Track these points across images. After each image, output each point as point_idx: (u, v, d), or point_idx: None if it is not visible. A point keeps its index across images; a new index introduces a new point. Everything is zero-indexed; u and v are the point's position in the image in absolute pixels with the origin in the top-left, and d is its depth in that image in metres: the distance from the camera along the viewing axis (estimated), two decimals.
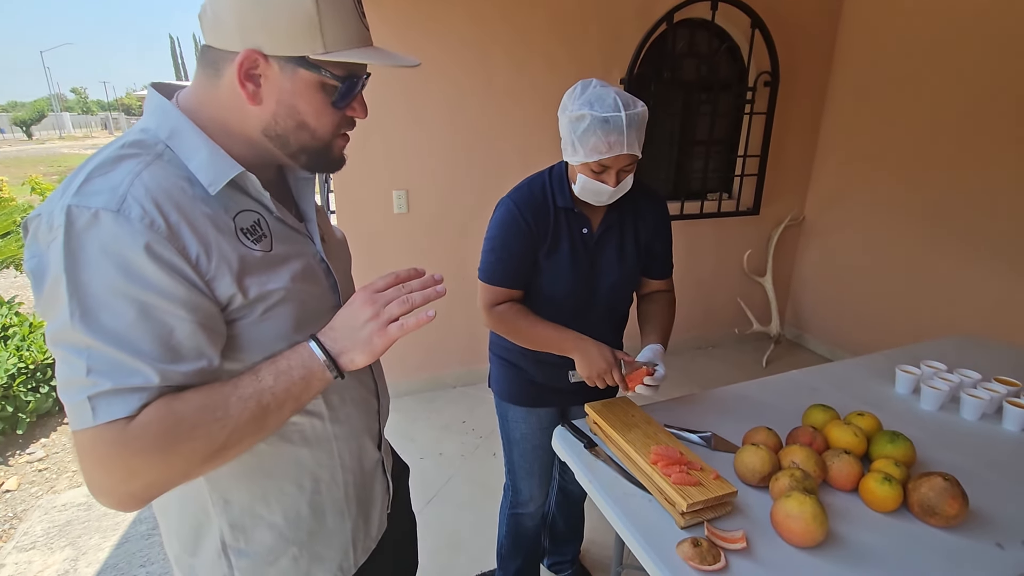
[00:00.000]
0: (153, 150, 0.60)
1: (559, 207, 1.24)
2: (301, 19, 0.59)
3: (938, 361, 1.45)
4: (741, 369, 3.29)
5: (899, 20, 2.81)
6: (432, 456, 2.41)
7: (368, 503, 0.85)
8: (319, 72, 0.62)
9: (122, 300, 0.54)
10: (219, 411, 0.56)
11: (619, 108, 1.06)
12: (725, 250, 3.38)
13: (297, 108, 0.64)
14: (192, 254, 0.57)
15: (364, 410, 0.82)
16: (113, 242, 0.53)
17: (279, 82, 0.62)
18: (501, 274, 1.25)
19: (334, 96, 0.65)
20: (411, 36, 2.43)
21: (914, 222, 2.86)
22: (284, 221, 0.70)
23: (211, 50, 0.62)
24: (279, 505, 0.73)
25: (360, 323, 0.65)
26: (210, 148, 0.62)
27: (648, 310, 1.37)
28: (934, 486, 0.93)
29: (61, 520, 2.11)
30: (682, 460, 1.00)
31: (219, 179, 0.62)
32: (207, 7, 0.61)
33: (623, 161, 1.12)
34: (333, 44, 0.61)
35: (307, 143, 0.67)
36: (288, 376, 0.61)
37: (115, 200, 0.54)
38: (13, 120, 41.27)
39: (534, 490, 1.49)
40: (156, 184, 0.57)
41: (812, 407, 1.22)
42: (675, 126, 3.10)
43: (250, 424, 0.59)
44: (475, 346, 2.92)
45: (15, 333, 2.76)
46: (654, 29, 2.73)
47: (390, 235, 2.64)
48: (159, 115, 0.63)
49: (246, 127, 0.65)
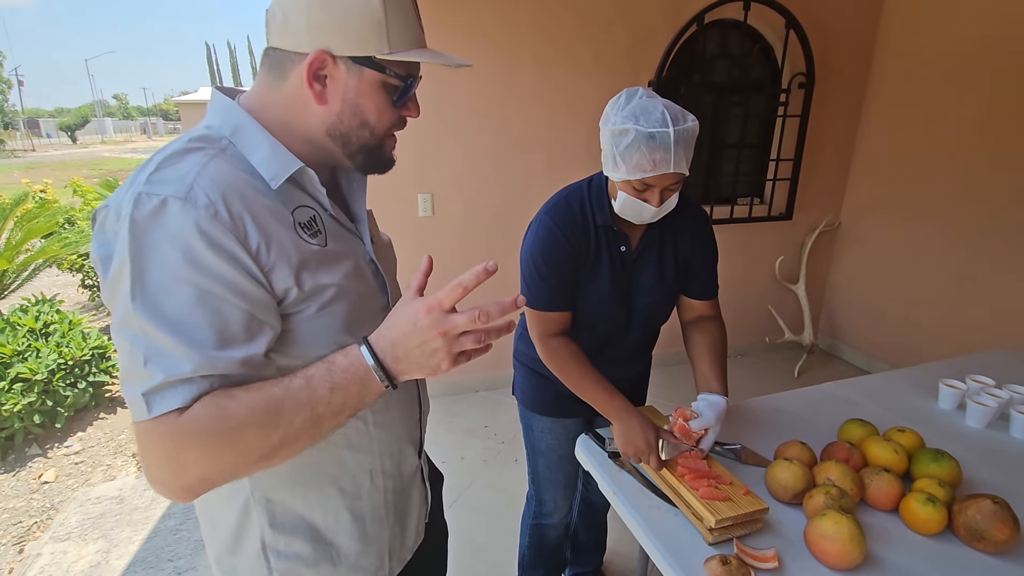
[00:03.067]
0: (217, 144, 0.62)
1: (598, 224, 1.15)
2: (370, 21, 0.61)
3: (985, 376, 1.37)
4: (772, 379, 3.20)
5: (944, 15, 2.70)
6: (454, 461, 2.40)
7: (405, 512, 0.85)
8: (384, 72, 0.64)
9: (182, 285, 0.55)
10: (270, 414, 0.56)
11: (667, 123, 0.97)
12: (756, 256, 3.30)
13: (361, 107, 0.66)
14: (253, 244, 0.59)
15: (407, 416, 0.82)
16: (178, 229, 0.55)
17: (345, 81, 0.64)
18: (549, 298, 1.17)
19: (395, 95, 0.67)
20: (438, 39, 2.44)
21: (961, 228, 2.73)
22: (337, 219, 0.71)
23: (277, 52, 0.64)
24: (319, 507, 0.74)
25: (430, 350, 0.60)
26: (271, 144, 0.64)
27: (699, 345, 1.23)
28: (982, 509, 0.88)
29: (95, 512, 2.17)
30: (710, 473, 0.97)
31: (281, 173, 0.63)
32: (275, 10, 0.63)
33: (668, 180, 1.02)
34: (397, 45, 0.63)
35: (367, 141, 0.69)
36: (345, 391, 0.60)
37: (183, 188, 0.56)
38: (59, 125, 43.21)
39: (558, 501, 1.47)
40: (221, 175, 0.59)
41: (849, 421, 1.16)
42: (704, 129, 3.04)
43: (304, 431, 0.58)
44: (498, 350, 2.88)
45: (55, 330, 2.86)
46: (684, 31, 2.69)
47: (415, 238, 2.65)
48: (223, 113, 0.66)
49: (309, 126, 0.67)
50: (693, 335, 1.26)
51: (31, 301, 3.01)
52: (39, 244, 3.77)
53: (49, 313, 2.95)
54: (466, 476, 2.30)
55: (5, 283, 3.56)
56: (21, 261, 3.64)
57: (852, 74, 3.09)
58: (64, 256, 3.56)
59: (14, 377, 2.52)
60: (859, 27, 3.01)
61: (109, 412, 2.96)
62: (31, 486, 2.37)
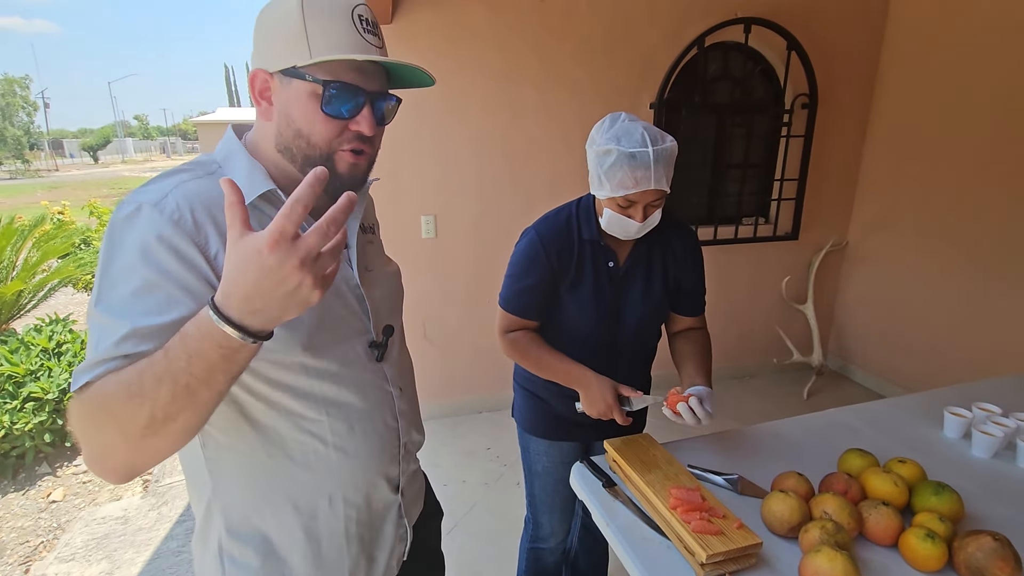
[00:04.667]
0: (206, 168, 0.69)
1: (584, 239, 1.22)
2: (291, 33, 0.64)
3: (992, 404, 1.35)
4: (780, 401, 3.15)
5: (949, 36, 2.69)
6: (455, 483, 2.39)
7: (373, 544, 0.83)
8: (304, 78, 0.65)
9: (132, 277, 0.59)
10: (133, 388, 0.54)
11: (646, 143, 1.05)
12: (762, 276, 3.27)
13: (292, 116, 0.67)
14: (212, 251, 0.63)
15: (380, 448, 0.80)
16: (143, 229, 0.60)
17: (281, 94, 0.68)
18: (518, 304, 1.25)
19: (320, 102, 0.66)
20: (441, 66, 2.49)
21: (971, 249, 2.70)
22: None
23: None
24: (274, 522, 0.74)
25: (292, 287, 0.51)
26: (250, 167, 0.69)
27: (684, 350, 1.31)
28: (983, 546, 0.85)
29: (100, 533, 2.19)
30: (703, 506, 0.95)
31: (250, 193, 0.67)
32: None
33: (650, 196, 1.10)
34: (320, 52, 0.64)
35: (307, 152, 0.68)
36: (205, 358, 0.53)
37: (157, 197, 0.62)
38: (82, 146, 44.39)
39: (555, 525, 1.45)
40: (196, 192, 0.64)
41: (848, 451, 1.14)
42: (708, 150, 3.05)
43: (176, 401, 0.54)
44: (501, 372, 2.89)
45: (68, 349, 2.91)
46: (684, 53, 2.71)
47: (418, 260, 2.67)
48: (223, 144, 0.73)
49: (268, 146, 0.71)
50: (679, 344, 1.34)
51: (45, 321, 3.07)
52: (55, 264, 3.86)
53: (62, 333, 3.00)
54: (467, 500, 2.29)
55: (21, 303, 3.64)
56: (37, 281, 3.72)
57: (856, 94, 3.09)
58: (79, 276, 3.63)
59: (26, 396, 2.56)
60: (862, 47, 3.01)
61: None
62: (39, 505, 2.39)
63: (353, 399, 0.75)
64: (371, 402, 0.78)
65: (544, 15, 2.54)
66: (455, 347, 2.87)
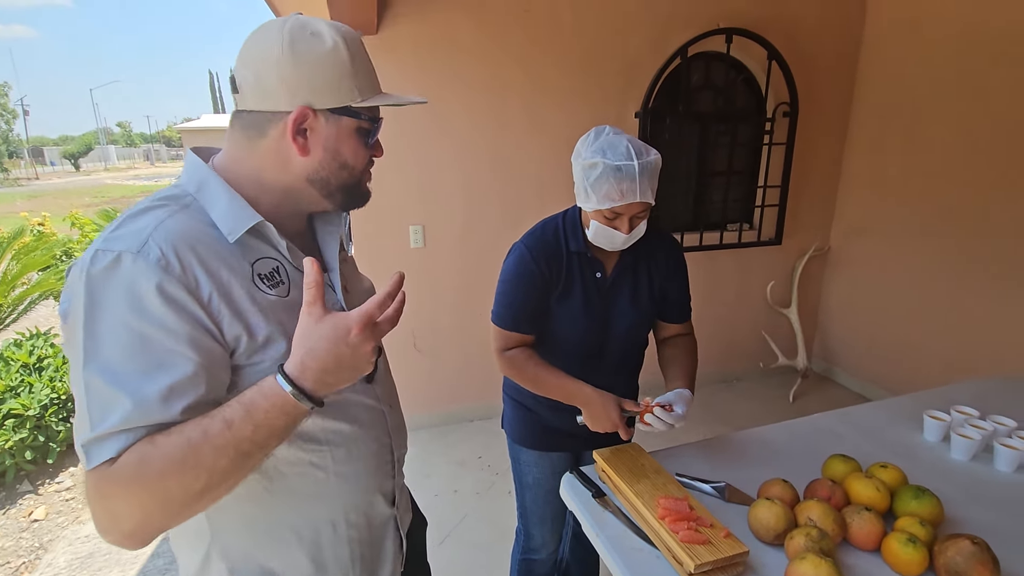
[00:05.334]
0: (181, 201, 0.66)
1: (572, 251, 1.23)
2: (342, 75, 0.67)
3: (971, 406, 1.38)
4: (767, 404, 3.19)
5: (923, 46, 2.77)
6: (447, 493, 2.38)
7: (376, 563, 0.84)
8: (359, 117, 0.70)
9: (125, 334, 0.56)
10: (188, 462, 0.55)
11: (631, 157, 1.07)
12: (747, 281, 3.32)
13: (340, 151, 0.71)
14: (204, 294, 0.60)
15: (375, 466, 0.81)
16: (128, 281, 0.57)
17: (324, 131, 0.69)
18: (512, 319, 1.25)
19: (367, 137, 0.73)
20: (426, 78, 2.50)
21: (947, 253, 2.76)
22: (302, 269, 0.72)
23: (252, 114, 0.68)
24: (278, 555, 0.74)
25: (361, 362, 0.61)
26: (229, 198, 0.67)
27: (669, 355, 1.34)
28: (962, 550, 0.87)
29: (84, 552, 2.15)
30: (691, 516, 0.97)
31: (236, 228, 0.66)
32: (245, 74, 0.67)
33: (636, 208, 1.11)
34: (365, 92, 0.70)
35: (346, 181, 0.73)
36: (269, 427, 0.59)
37: (137, 243, 0.59)
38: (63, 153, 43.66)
39: (546, 535, 1.46)
40: (178, 230, 0.61)
41: (832, 457, 1.17)
42: (692, 157, 3.09)
43: (231, 469, 0.58)
44: (491, 380, 2.89)
45: (49, 364, 2.86)
46: (668, 63, 2.75)
47: (406, 269, 2.66)
48: (191, 171, 0.70)
49: (286, 177, 0.71)
50: (665, 350, 1.37)
51: (25, 336, 3.02)
52: (36, 277, 3.79)
53: (43, 347, 2.95)
54: (459, 510, 2.28)
55: (1, 317, 3.58)
56: (17, 295, 3.66)
57: (835, 102, 3.15)
58: (60, 289, 3.58)
59: (6, 413, 2.51)
60: (840, 57, 3.08)
61: None
62: (21, 524, 2.34)
63: (351, 425, 0.76)
64: (366, 424, 0.79)
65: (529, 26, 2.56)
66: (445, 356, 2.87)
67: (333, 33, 0.67)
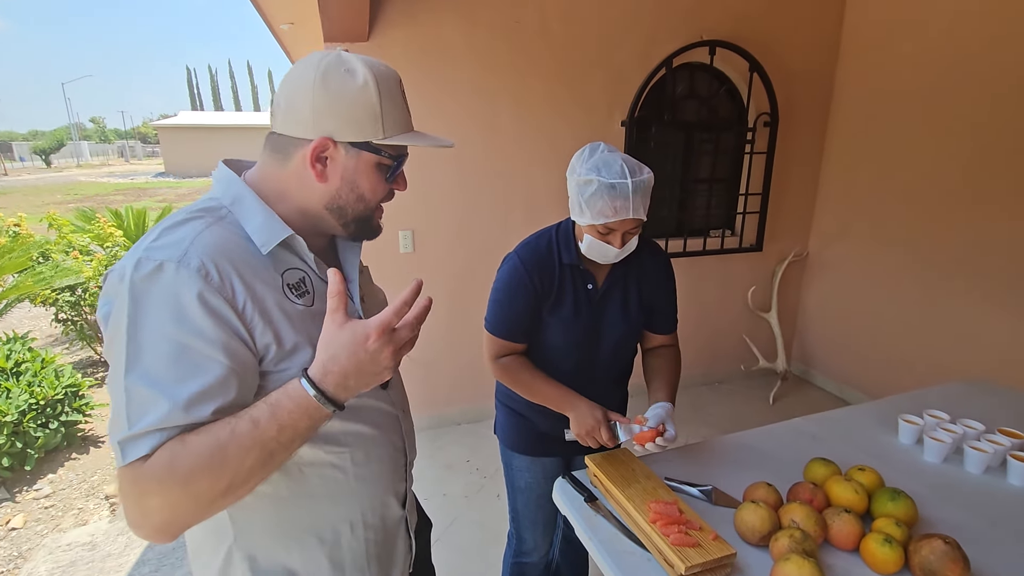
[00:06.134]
0: (217, 214, 0.70)
1: (565, 263, 1.27)
2: (368, 112, 0.70)
3: (942, 410, 1.45)
4: (748, 406, 3.27)
5: (898, 57, 2.87)
6: (436, 497, 2.40)
7: (389, 562, 0.87)
8: (379, 153, 0.73)
9: (166, 341, 0.60)
10: (216, 459, 0.59)
11: (626, 175, 1.10)
12: (729, 286, 3.40)
13: (358, 184, 0.74)
14: (239, 303, 0.64)
15: (391, 468, 0.85)
16: (171, 289, 0.61)
17: (344, 162, 0.72)
18: (505, 328, 1.29)
19: (387, 173, 0.76)
20: (416, 84, 2.51)
21: (918, 259, 2.87)
22: (326, 280, 0.76)
23: (281, 137, 0.72)
24: (299, 555, 0.77)
25: (381, 367, 0.64)
26: (265, 214, 0.71)
27: (654, 365, 1.38)
28: (935, 549, 0.93)
29: (65, 560, 2.12)
30: (681, 519, 1.00)
31: (270, 240, 0.70)
32: (280, 99, 0.71)
33: (629, 224, 1.15)
34: (390, 131, 0.72)
35: (361, 213, 0.76)
36: (294, 428, 0.62)
37: (178, 253, 0.62)
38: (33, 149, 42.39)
39: (538, 539, 1.49)
40: (214, 241, 0.65)
41: (813, 461, 1.22)
42: (677, 166, 3.15)
43: (257, 468, 0.61)
44: (480, 384, 2.93)
45: (27, 369, 2.80)
46: (654, 73, 2.81)
47: (396, 274, 2.68)
48: (225, 185, 0.73)
49: (307, 200, 0.74)
50: (651, 360, 1.41)
51: (2, 340, 2.95)
52: (12, 279, 3.70)
53: (20, 351, 2.89)
54: (449, 513, 2.30)
55: None
56: None
57: (813, 112, 3.25)
58: (38, 291, 3.50)
59: None
60: (818, 68, 3.18)
61: (82, 452, 2.90)
62: None
63: (369, 429, 0.79)
64: (383, 428, 0.82)
65: (519, 35, 2.60)
66: (434, 361, 2.88)
67: (367, 72, 0.69)
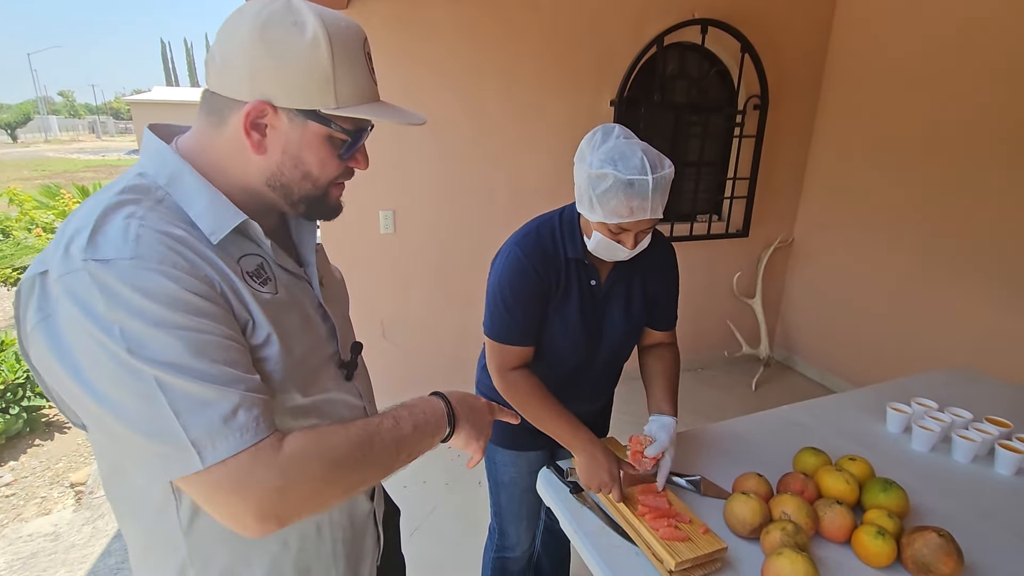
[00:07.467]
0: (153, 196, 0.59)
1: (569, 258, 1.14)
2: (316, 75, 0.59)
3: (928, 398, 1.43)
4: (731, 392, 3.27)
5: (890, 43, 2.83)
6: (416, 484, 2.35)
7: (357, 559, 0.82)
8: (329, 126, 0.62)
9: (168, 332, 0.52)
10: (364, 449, 0.61)
11: (646, 171, 0.96)
12: (715, 272, 3.37)
13: (303, 159, 0.64)
14: (216, 285, 0.58)
15: None
16: (145, 282, 0.52)
17: (287, 133, 0.62)
18: (512, 332, 1.14)
19: (341, 148, 0.65)
20: (397, 58, 2.40)
21: (903, 247, 2.87)
22: (284, 267, 0.69)
23: (216, 97, 0.61)
24: (260, 563, 0.70)
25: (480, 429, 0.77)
26: (210, 195, 0.61)
27: (654, 369, 1.26)
28: (928, 542, 0.90)
29: (26, 552, 2.02)
30: (670, 512, 0.97)
31: (220, 228, 0.60)
32: (215, 53, 0.60)
33: (644, 224, 1.03)
34: (345, 100, 0.61)
35: (309, 192, 0.66)
36: (423, 431, 0.67)
37: (128, 249, 0.53)
38: None
39: (521, 534, 1.44)
40: (162, 228, 0.56)
41: (803, 450, 1.19)
42: (665, 148, 3.06)
43: (379, 468, 0.63)
44: (460, 369, 2.86)
45: None
46: (644, 52, 2.74)
47: (376, 255, 2.60)
48: (158, 160, 0.62)
49: (247, 175, 0.64)
50: (649, 360, 1.30)
51: None
52: None
53: None
54: (429, 501, 2.25)
55: None
56: None
57: (804, 97, 3.21)
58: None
59: None
60: (810, 53, 3.13)
61: (46, 438, 2.78)
62: None
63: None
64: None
65: (506, 9, 2.49)
66: (413, 345, 2.81)
67: (318, 27, 0.58)
